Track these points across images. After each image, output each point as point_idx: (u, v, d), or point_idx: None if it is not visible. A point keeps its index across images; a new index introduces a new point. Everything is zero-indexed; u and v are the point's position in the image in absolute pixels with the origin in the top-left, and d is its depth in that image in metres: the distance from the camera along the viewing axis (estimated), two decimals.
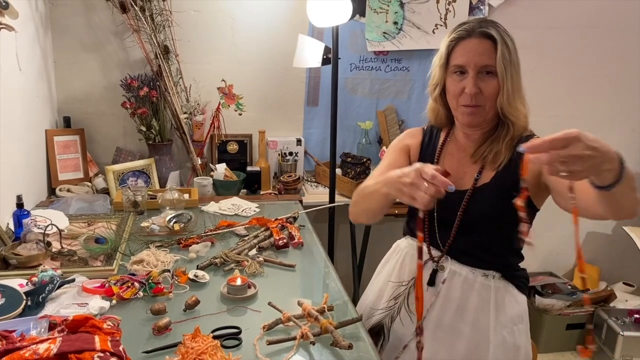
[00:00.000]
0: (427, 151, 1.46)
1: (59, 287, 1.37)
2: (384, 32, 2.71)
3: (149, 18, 2.38)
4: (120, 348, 1.01)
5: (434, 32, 2.73)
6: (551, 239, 3.16)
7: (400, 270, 1.47)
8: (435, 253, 1.41)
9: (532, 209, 1.34)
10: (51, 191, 2.37)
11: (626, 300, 3.00)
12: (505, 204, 1.29)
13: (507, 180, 1.30)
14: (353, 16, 2.42)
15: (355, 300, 1.63)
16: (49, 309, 1.30)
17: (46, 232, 1.63)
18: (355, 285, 2.75)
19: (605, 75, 3.04)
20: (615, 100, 3.10)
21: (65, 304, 1.33)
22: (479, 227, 1.34)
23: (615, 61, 3.03)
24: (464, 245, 1.35)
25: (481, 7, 2.74)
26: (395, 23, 2.71)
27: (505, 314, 1.35)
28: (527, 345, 1.42)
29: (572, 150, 0.83)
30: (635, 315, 2.79)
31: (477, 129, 1.35)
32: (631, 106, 3.12)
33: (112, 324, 1.09)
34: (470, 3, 2.73)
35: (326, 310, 1.32)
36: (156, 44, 2.41)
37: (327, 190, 2.54)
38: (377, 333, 1.45)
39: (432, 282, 1.39)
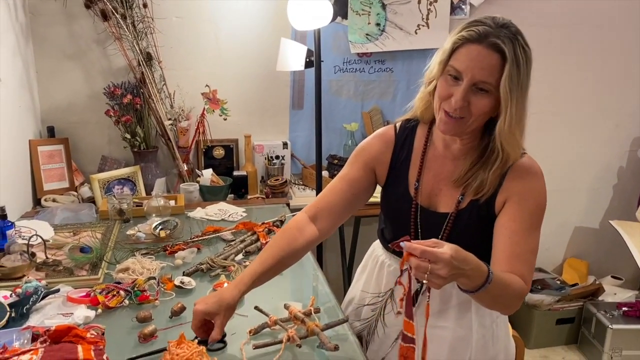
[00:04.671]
0: (402, 169, 1.36)
1: (43, 298, 1.36)
2: (367, 34, 2.72)
3: (130, 25, 2.37)
4: (104, 357, 1.01)
5: (416, 33, 2.75)
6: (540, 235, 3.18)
7: (376, 280, 1.43)
8: None
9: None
10: (36, 201, 2.36)
11: (614, 294, 3.03)
12: (482, 233, 1.26)
13: (483, 210, 1.24)
14: (335, 18, 2.42)
15: None
16: (33, 320, 1.29)
17: (30, 242, 1.62)
18: (345, 287, 2.74)
19: (588, 71, 3.07)
20: (599, 97, 3.13)
21: (49, 315, 1.32)
22: None
23: (598, 58, 3.05)
24: None
25: (462, 6, 2.75)
26: (378, 24, 2.72)
27: (483, 309, 1.33)
28: (507, 338, 1.41)
29: (436, 270, 0.96)
30: (623, 308, 2.81)
31: (456, 139, 1.27)
32: (614, 102, 3.15)
33: (95, 333, 1.09)
34: (452, 3, 2.75)
35: (313, 312, 1.33)
36: (138, 51, 2.40)
37: (314, 192, 2.54)
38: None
39: (414, 300, 1.33)
